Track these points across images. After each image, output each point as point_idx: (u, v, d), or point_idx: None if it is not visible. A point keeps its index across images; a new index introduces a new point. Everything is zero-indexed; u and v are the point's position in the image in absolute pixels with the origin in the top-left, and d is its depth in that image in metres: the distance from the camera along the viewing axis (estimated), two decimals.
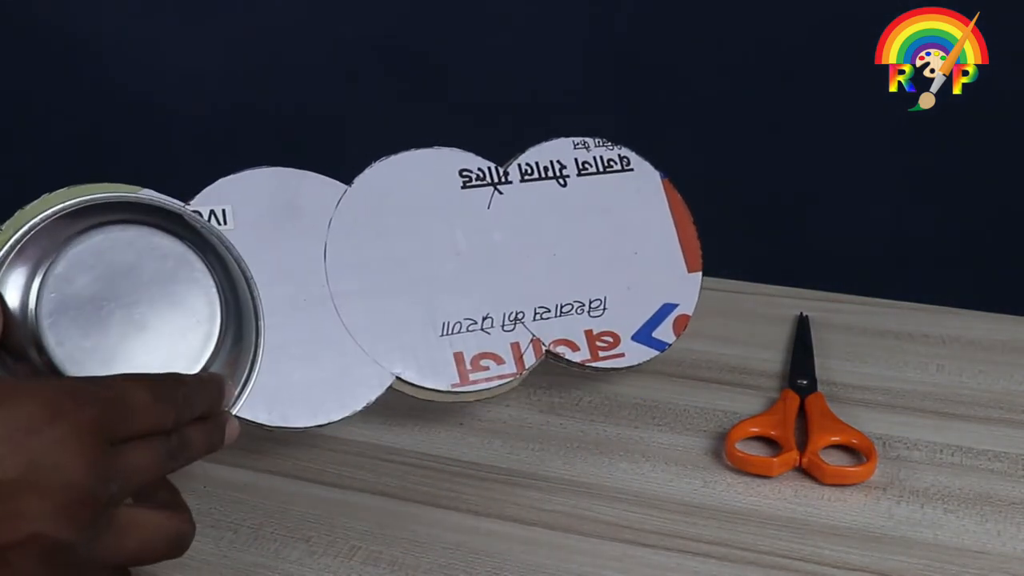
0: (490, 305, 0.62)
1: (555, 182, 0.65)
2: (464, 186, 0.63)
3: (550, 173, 0.65)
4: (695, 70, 1.23)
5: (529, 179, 0.64)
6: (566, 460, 0.61)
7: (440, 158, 0.63)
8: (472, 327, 0.61)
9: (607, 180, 0.66)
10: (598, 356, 0.63)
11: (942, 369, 0.70)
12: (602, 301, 0.64)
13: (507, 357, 0.61)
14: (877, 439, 0.61)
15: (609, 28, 1.23)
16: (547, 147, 0.65)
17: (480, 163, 0.63)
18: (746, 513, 0.56)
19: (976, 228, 1.22)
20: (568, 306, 0.63)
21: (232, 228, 0.57)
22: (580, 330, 0.63)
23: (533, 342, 0.62)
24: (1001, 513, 0.56)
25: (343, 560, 0.53)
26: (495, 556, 0.53)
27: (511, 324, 0.62)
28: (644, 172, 0.67)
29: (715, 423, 0.64)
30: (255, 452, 0.61)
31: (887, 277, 0.90)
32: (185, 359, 0.51)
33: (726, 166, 1.24)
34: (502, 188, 0.63)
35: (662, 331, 0.65)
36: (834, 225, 1.26)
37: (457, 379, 0.60)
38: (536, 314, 0.62)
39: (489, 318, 0.61)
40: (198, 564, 0.52)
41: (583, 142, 0.66)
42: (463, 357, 0.60)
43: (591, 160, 0.66)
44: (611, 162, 0.66)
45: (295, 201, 0.59)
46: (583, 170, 0.65)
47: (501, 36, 1.26)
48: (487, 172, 0.63)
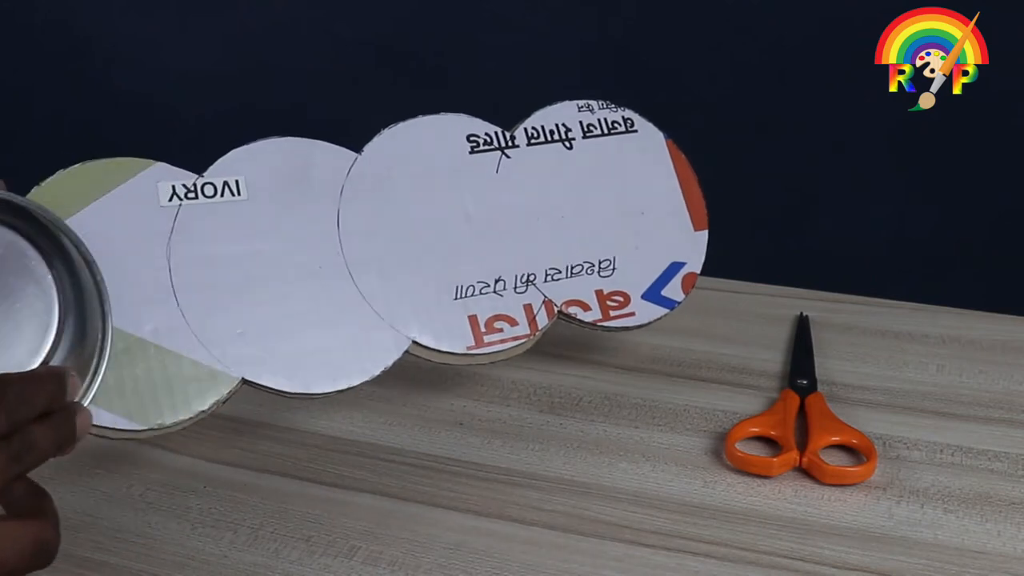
0: (502, 268, 0.62)
1: (561, 145, 0.65)
2: (472, 151, 0.64)
3: (556, 136, 0.65)
4: (695, 70, 1.23)
5: (535, 143, 0.65)
6: (566, 460, 0.61)
7: (447, 124, 0.64)
8: (485, 290, 0.61)
9: (612, 142, 0.66)
10: (609, 315, 0.63)
11: (942, 369, 0.70)
12: (611, 261, 0.64)
13: (520, 319, 0.61)
14: (877, 439, 0.61)
15: (608, 29, 1.23)
16: (552, 110, 0.66)
17: (487, 128, 0.64)
18: (746, 513, 0.56)
19: (976, 228, 1.22)
20: (578, 267, 0.64)
21: (245, 198, 0.57)
22: (591, 290, 0.64)
23: (545, 303, 0.62)
24: (1001, 513, 0.56)
25: (343, 560, 0.53)
26: (495, 556, 0.53)
27: (523, 286, 0.62)
28: (648, 133, 0.67)
29: (715, 423, 0.64)
30: (255, 452, 0.61)
31: (887, 277, 0.90)
32: (23, 352, 0.50)
33: (726, 166, 1.24)
34: (509, 152, 0.64)
35: (671, 289, 0.65)
36: (834, 225, 1.25)
37: (472, 342, 0.60)
38: (547, 276, 0.63)
39: (501, 281, 0.62)
40: (198, 564, 0.52)
41: (587, 104, 0.66)
42: (477, 320, 0.61)
43: (595, 122, 0.66)
44: (615, 124, 0.67)
45: (306, 170, 0.59)
46: (588, 132, 0.66)
47: (501, 36, 1.26)
48: (494, 137, 0.64)
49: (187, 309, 0.55)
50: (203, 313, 0.55)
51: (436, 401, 0.66)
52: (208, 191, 0.57)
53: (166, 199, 0.56)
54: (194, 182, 0.56)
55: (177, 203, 0.56)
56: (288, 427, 0.64)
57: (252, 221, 0.58)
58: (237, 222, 0.57)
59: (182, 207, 0.56)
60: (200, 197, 0.57)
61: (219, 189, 0.57)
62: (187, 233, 0.56)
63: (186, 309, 0.55)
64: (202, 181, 0.56)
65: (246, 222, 0.57)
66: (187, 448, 0.61)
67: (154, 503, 0.57)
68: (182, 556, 0.53)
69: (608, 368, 0.70)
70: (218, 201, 0.57)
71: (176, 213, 0.56)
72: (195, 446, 0.62)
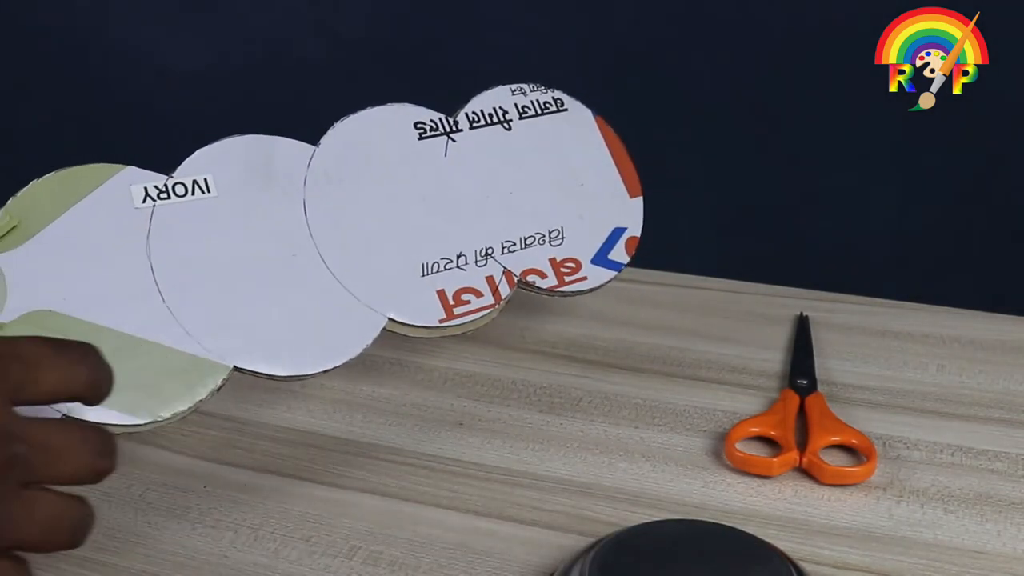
0: (461, 244, 0.66)
1: (500, 127, 0.69)
2: (420, 137, 0.67)
3: (495, 119, 0.69)
4: (694, 69, 1.23)
5: (477, 126, 0.68)
6: (566, 460, 0.61)
7: (395, 113, 0.67)
8: (449, 265, 0.65)
9: (546, 121, 0.71)
10: (564, 281, 0.67)
11: (942, 369, 0.70)
12: (560, 231, 0.68)
13: (484, 290, 0.65)
14: (877, 439, 0.61)
15: (608, 28, 1.23)
16: (488, 95, 0.69)
17: (432, 115, 0.67)
18: (746, 513, 0.56)
19: (976, 228, 1.22)
20: (531, 238, 0.67)
21: (215, 195, 0.60)
22: (545, 259, 0.67)
23: (505, 273, 0.66)
24: (1001, 513, 0.56)
25: (343, 560, 0.53)
26: (495, 556, 0.53)
27: (483, 259, 0.66)
28: (577, 111, 0.72)
29: (715, 423, 0.64)
30: (255, 452, 0.61)
31: (887, 277, 0.90)
32: None
33: (726, 166, 1.24)
34: (455, 136, 0.68)
35: (616, 252, 0.69)
36: (834, 225, 1.26)
37: (443, 315, 0.63)
38: (504, 248, 0.67)
39: (463, 256, 0.65)
40: (198, 564, 0.52)
41: (519, 88, 0.70)
42: (445, 294, 0.64)
43: (529, 104, 0.70)
44: (547, 104, 0.71)
45: (270, 164, 0.62)
46: (523, 114, 0.70)
47: (501, 36, 1.26)
48: (439, 123, 0.67)
49: (172, 304, 0.57)
50: (188, 306, 0.57)
51: (436, 401, 0.66)
52: (179, 191, 0.59)
53: (140, 201, 0.58)
54: (165, 183, 0.59)
55: (151, 204, 0.58)
56: (288, 427, 0.64)
57: (224, 216, 0.60)
58: (211, 218, 0.59)
59: (156, 207, 0.58)
60: (172, 197, 0.59)
61: (189, 188, 0.59)
62: (164, 232, 0.58)
63: (171, 304, 0.57)
64: (172, 181, 0.59)
65: (219, 217, 0.60)
66: (187, 448, 0.61)
67: (154, 503, 0.57)
68: (182, 556, 0.53)
69: (608, 368, 0.70)
70: (189, 200, 0.59)
71: (151, 213, 0.58)
72: (195, 446, 0.62)
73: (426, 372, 0.69)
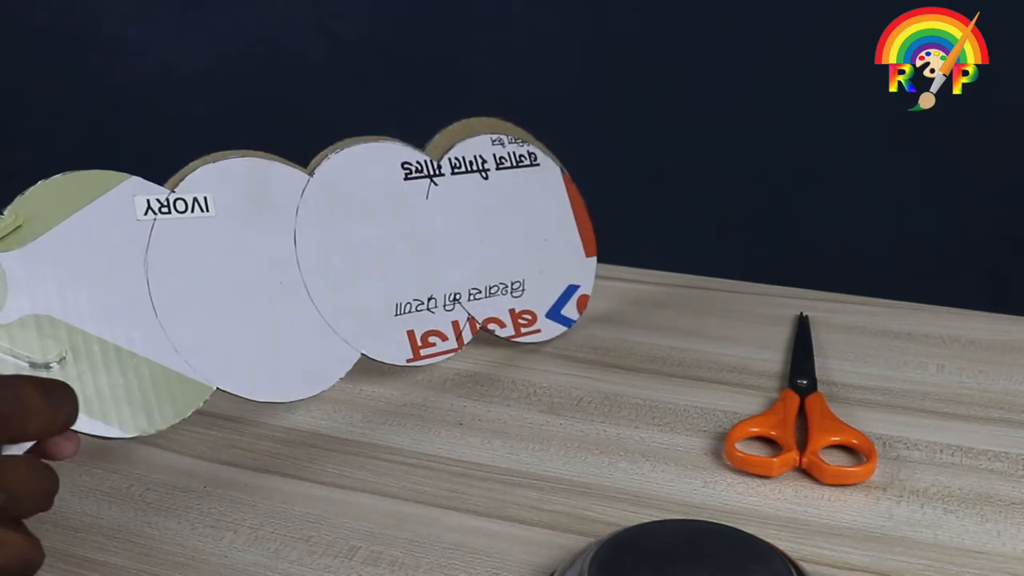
0: (433, 287, 0.68)
1: (478, 175, 0.71)
2: (406, 178, 0.68)
3: (474, 167, 0.71)
4: (694, 70, 1.23)
5: (458, 172, 0.70)
6: (566, 460, 0.61)
7: (385, 151, 0.68)
8: (420, 307, 0.67)
9: (520, 174, 0.73)
10: (520, 332, 0.71)
11: (942, 369, 0.70)
12: (521, 283, 0.71)
13: (449, 334, 0.68)
14: (877, 439, 0.61)
15: (608, 28, 1.23)
16: (471, 143, 0.71)
17: (418, 156, 0.69)
18: (746, 513, 0.56)
19: (976, 228, 1.22)
20: (495, 287, 0.70)
21: (213, 215, 0.60)
22: (506, 309, 0.71)
23: (469, 320, 0.69)
24: (1001, 513, 0.56)
25: (343, 560, 0.53)
26: (495, 556, 0.53)
27: (451, 304, 0.69)
28: (548, 167, 0.74)
29: (715, 423, 0.64)
30: (255, 452, 0.61)
31: (887, 277, 0.90)
32: None
33: (726, 166, 1.24)
34: (437, 180, 0.69)
35: (568, 309, 0.73)
36: (834, 225, 1.26)
37: (411, 355, 0.66)
38: (470, 295, 0.69)
39: (433, 299, 0.68)
40: (198, 564, 0.52)
41: (499, 139, 0.72)
42: (415, 335, 0.67)
43: (506, 155, 0.72)
44: (522, 157, 0.73)
45: (266, 189, 0.63)
46: (500, 164, 0.72)
47: (501, 36, 1.26)
48: (424, 165, 0.69)
49: (164, 320, 0.58)
50: (179, 324, 0.58)
51: (436, 401, 0.66)
52: (180, 207, 0.60)
53: (142, 213, 0.58)
54: (167, 197, 0.59)
55: (152, 217, 0.58)
56: (288, 427, 0.64)
57: (220, 237, 0.61)
58: (207, 237, 0.60)
59: (156, 221, 0.59)
60: (173, 212, 0.59)
61: (189, 205, 0.60)
62: (162, 246, 0.58)
63: (163, 320, 0.57)
64: (174, 196, 0.59)
65: (215, 238, 0.60)
66: (187, 448, 0.61)
67: (154, 503, 0.57)
68: (182, 556, 0.53)
69: (608, 368, 0.70)
70: (189, 217, 0.60)
71: (151, 227, 0.58)
72: (195, 446, 0.62)
73: (426, 372, 0.69)
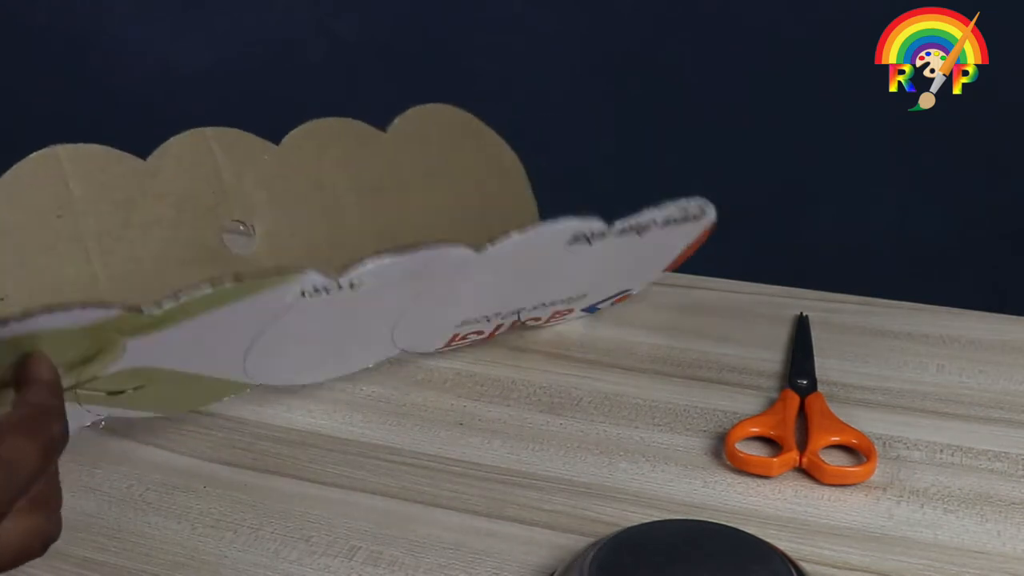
0: (503, 309, 0.68)
1: (635, 234, 0.63)
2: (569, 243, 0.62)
3: (633, 228, 0.63)
4: (694, 70, 1.23)
5: (625, 233, 0.63)
6: (566, 460, 0.61)
7: (556, 228, 0.61)
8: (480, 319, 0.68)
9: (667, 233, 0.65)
10: (550, 321, 0.73)
11: (942, 369, 0.70)
12: (585, 295, 0.71)
13: (488, 330, 0.70)
14: (877, 439, 0.61)
15: (608, 28, 1.23)
16: (647, 213, 0.63)
17: (595, 225, 0.61)
18: (746, 513, 0.56)
19: (976, 228, 1.22)
20: (556, 301, 0.70)
21: (354, 293, 0.56)
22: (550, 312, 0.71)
23: (514, 322, 0.70)
24: (1001, 513, 0.56)
25: (343, 560, 0.53)
26: (495, 556, 0.53)
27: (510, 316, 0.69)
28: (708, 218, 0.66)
29: (715, 423, 0.64)
30: (255, 452, 0.61)
31: (887, 277, 0.90)
32: None
33: (726, 166, 1.24)
34: (594, 240, 0.63)
35: (606, 303, 0.74)
36: (834, 225, 1.26)
37: (442, 345, 0.69)
38: (532, 308, 0.70)
39: (499, 314, 0.68)
40: (198, 564, 0.52)
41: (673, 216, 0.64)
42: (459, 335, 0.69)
43: (666, 218, 0.64)
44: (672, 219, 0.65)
45: (423, 271, 0.59)
46: (665, 223, 0.64)
47: (501, 36, 1.26)
48: (593, 235, 0.62)
49: (251, 366, 0.61)
50: (264, 368, 0.62)
51: (436, 401, 0.66)
52: (330, 288, 0.55)
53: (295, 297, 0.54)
54: (326, 285, 0.54)
55: (301, 298, 0.54)
56: (288, 427, 0.64)
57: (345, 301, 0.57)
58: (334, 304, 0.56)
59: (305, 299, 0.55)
60: (323, 294, 0.55)
61: (344, 287, 0.55)
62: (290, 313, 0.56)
63: (249, 366, 0.61)
64: (334, 282, 0.54)
65: (341, 303, 0.57)
66: (187, 448, 0.61)
67: (154, 503, 0.57)
68: (182, 556, 0.53)
69: (608, 368, 0.70)
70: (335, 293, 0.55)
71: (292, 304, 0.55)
72: (195, 446, 0.62)
73: (426, 372, 0.69)
